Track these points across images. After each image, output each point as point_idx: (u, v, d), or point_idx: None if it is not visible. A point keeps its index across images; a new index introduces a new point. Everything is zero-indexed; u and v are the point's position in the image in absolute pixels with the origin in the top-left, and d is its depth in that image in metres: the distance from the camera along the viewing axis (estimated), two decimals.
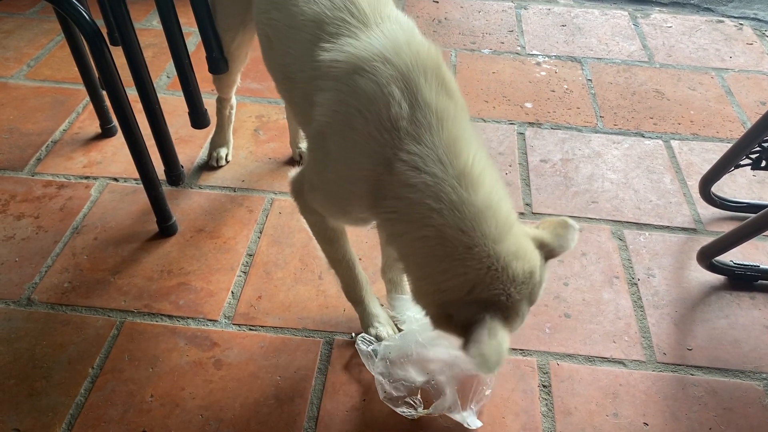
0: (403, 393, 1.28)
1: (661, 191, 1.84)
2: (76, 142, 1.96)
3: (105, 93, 1.55)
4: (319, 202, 1.19)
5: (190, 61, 1.55)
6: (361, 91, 1.02)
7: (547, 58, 2.41)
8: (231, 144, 1.92)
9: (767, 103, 2.19)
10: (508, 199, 1.03)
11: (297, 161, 1.91)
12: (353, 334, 1.43)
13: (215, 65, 1.61)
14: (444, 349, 1.27)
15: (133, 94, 1.47)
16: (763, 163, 1.59)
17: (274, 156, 1.94)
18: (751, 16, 2.67)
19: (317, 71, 1.10)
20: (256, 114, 2.10)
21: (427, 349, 1.29)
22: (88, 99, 1.95)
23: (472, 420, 1.25)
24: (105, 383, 1.34)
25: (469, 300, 0.97)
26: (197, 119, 1.65)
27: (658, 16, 2.69)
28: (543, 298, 1.07)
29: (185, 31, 1.54)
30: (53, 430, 1.26)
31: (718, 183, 1.73)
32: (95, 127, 2.00)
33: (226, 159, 1.90)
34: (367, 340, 1.34)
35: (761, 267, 1.56)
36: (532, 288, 1.00)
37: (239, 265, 1.60)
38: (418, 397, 1.28)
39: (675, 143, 2.01)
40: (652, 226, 1.73)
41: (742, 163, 1.62)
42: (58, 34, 2.43)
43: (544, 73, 2.33)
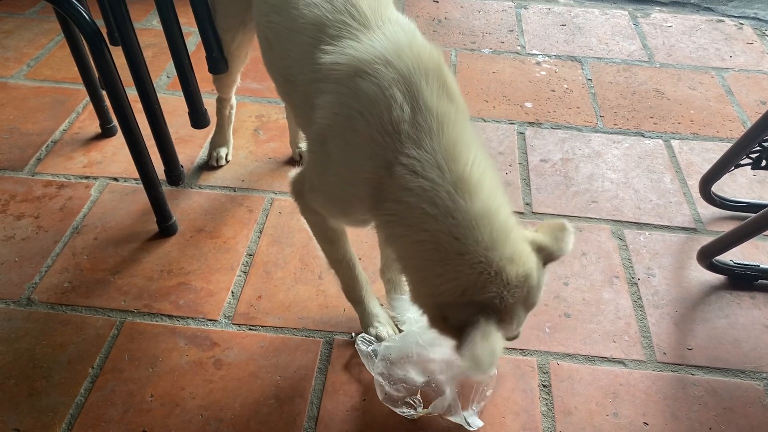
0: (403, 393, 1.28)
1: (661, 191, 1.84)
2: (76, 142, 1.96)
3: (105, 93, 1.55)
4: (319, 203, 1.19)
5: (190, 61, 1.56)
6: (362, 93, 1.02)
7: (547, 58, 2.40)
8: (231, 144, 1.92)
9: (767, 103, 2.19)
10: (508, 203, 1.02)
11: (297, 161, 1.91)
12: (353, 334, 1.43)
13: (215, 65, 1.61)
14: (444, 349, 1.27)
15: (133, 94, 1.47)
16: (764, 163, 1.59)
17: (274, 156, 1.94)
18: (752, 16, 2.67)
19: (318, 74, 1.10)
20: (256, 114, 2.10)
21: (427, 350, 1.30)
22: (88, 99, 1.95)
23: (473, 420, 1.25)
24: (105, 383, 1.34)
25: (463, 302, 0.97)
26: (197, 119, 1.65)
27: (659, 15, 2.69)
28: (543, 298, 1.07)
29: (185, 31, 1.54)
30: (53, 430, 1.26)
31: (719, 182, 1.73)
32: (95, 127, 2.00)
33: (226, 159, 1.90)
34: (367, 341, 1.34)
35: (761, 266, 1.56)
36: (527, 292, 1.00)
37: (239, 264, 1.60)
38: (418, 397, 1.28)
39: (675, 143, 2.01)
40: (652, 225, 1.73)
41: (743, 162, 1.62)
42: (58, 34, 2.43)
43: (544, 72, 2.33)
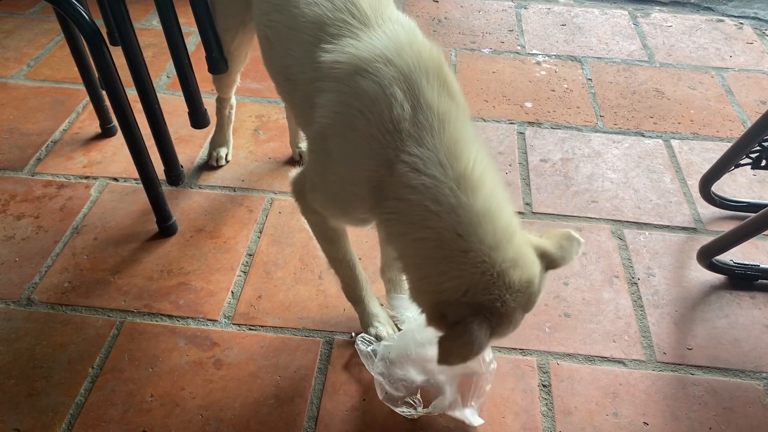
0: (403, 393, 1.28)
1: (661, 190, 1.84)
2: (76, 142, 1.96)
3: (105, 93, 1.55)
4: (320, 202, 1.19)
5: (189, 61, 1.56)
6: (363, 92, 1.02)
7: (547, 58, 2.40)
8: (231, 144, 1.92)
9: (767, 103, 2.19)
10: (509, 204, 1.02)
11: (297, 161, 1.91)
12: (353, 334, 1.43)
13: (215, 65, 1.61)
14: None
15: (132, 93, 1.47)
16: (763, 163, 1.59)
17: (274, 156, 1.93)
18: (752, 15, 2.67)
19: (318, 72, 1.09)
20: (256, 114, 2.10)
21: (426, 348, 1.29)
22: (88, 99, 1.95)
23: (473, 417, 1.25)
24: (105, 383, 1.34)
25: (464, 302, 0.97)
26: (197, 119, 1.65)
27: (658, 15, 2.69)
28: (543, 298, 1.07)
29: (185, 31, 1.54)
30: (53, 430, 1.26)
31: (718, 182, 1.73)
32: (95, 127, 2.00)
33: (226, 159, 1.90)
34: (367, 340, 1.34)
35: (761, 266, 1.56)
36: (528, 297, 1.00)
37: (239, 264, 1.60)
38: (418, 396, 1.28)
39: (675, 142, 2.01)
40: (652, 225, 1.73)
41: (742, 162, 1.62)
42: (58, 34, 2.43)
43: (544, 72, 2.33)
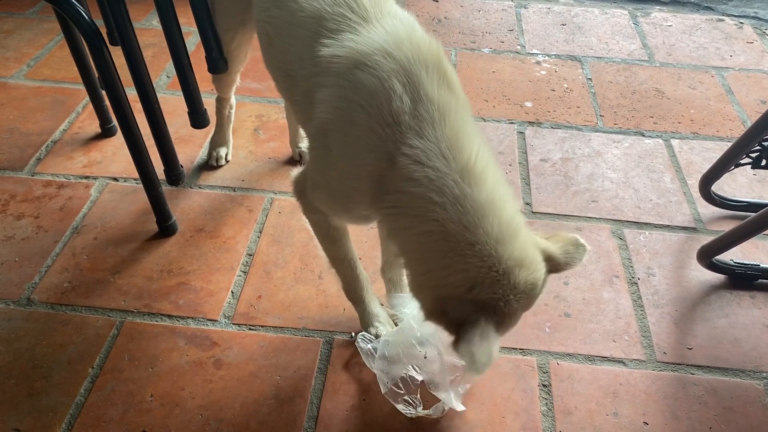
0: (403, 390, 1.28)
1: (661, 190, 1.84)
2: (75, 142, 1.96)
3: (105, 93, 1.55)
4: (321, 200, 1.18)
5: (189, 60, 1.55)
6: (362, 85, 1.01)
7: (547, 57, 2.40)
8: (231, 144, 1.92)
9: (767, 102, 2.18)
10: (513, 198, 1.01)
11: (297, 161, 1.91)
12: (353, 334, 1.43)
13: (214, 65, 1.61)
14: (440, 340, 1.27)
15: (132, 93, 1.47)
16: (764, 162, 1.59)
17: (274, 155, 1.93)
18: (752, 15, 2.67)
19: (318, 67, 1.09)
20: (255, 113, 2.10)
21: (425, 346, 1.29)
22: (87, 99, 1.95)
23: (456, 402, 1.24)
24: (105, 383, 1.34)
25: (467, 299, 0.96)
26: (197, 119, 1.65)
27: (659, 14, 2.69)
28: (543, 298, 1.07)
29: (185, 30, 1.54)
30: (53, 430, 1.26)
31: (719, 182, 1.73)
32: (95, 127, 2.00)
33: (226, 159, 1.90)
34: (367, 338, 1.34)
35: (761, 266, 1.56)
36: (530, 299, 1.00)
37: (239, 264, 1.60)
38: (418, 396, 1.28)
39: (675, 142, 2.01)
40: (652, 225, 1.73)
41: (743, 162, 1.62)
42: (58, 34, 2.43)
43: (544, 72, 2.32)
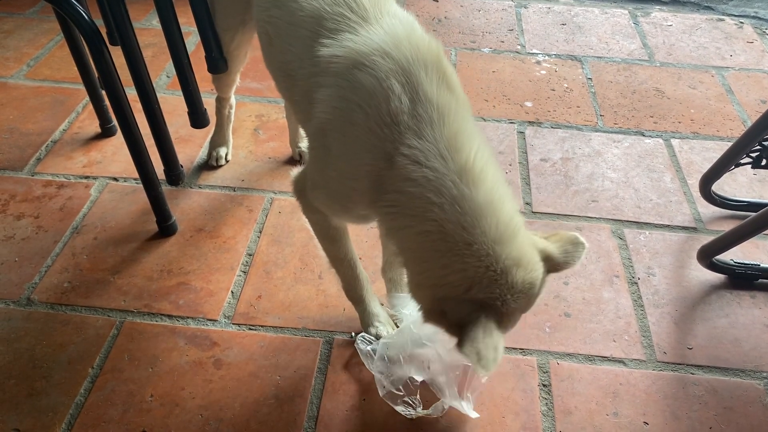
0: (402, 392, 1.28)
1: (661, 190, 1.84)
2: (75, 142, 1.96)
3: (104, 93, 1.55)
4: (321, 200, 1.19)
5: (189, 60, 1.55)
6: (360, 85, 1.01)
7: (547, 57, 2.40)
8: (230, 143, 1.92)
9: (767, 102, 2.19)
10: (512, 199, 1.01)
11: (297, 160, 1.91)
12: (353, 334, 1.43)
13: (214, 65, 1.61)
14: (440, 342, 1.27)
15: (132, 93, 1.47)
16: (764, 162, 1.59)
17: (274, 155, 1.93)
18: (752, 15, 2.67)
19: (317, 67, 1.09)
20: (255, 113, 2.10)
21: (425, 346, 1.29)
22: (87, 99, 1.95)
23: (469, 409, 1.25)
24: (105, 383, 1.34)
25: (465, 298, 0.96)
26: (197, 119, 1.65)
27: (659, 14, 2.68)
28: (543, 297, 1.07)
29: (184, 30, 1.54)
30: (53, 430, 1.26)
31: (719, 182, 1.73)
32: (95, 127, 2.00)
33: (226, 158, 1.90)
34: (367, 340, 1.34)
35: (761, 266, 1.56)
36: (529, 299, 1.00)
37: (239, 264, 1.60)
38: (417, 397, 1.28)
39: (675, 142, 2.01)
40: (653, 224, 1.73)
41: (743, 161, 1.62)
42: (58, 34, 2.43)
43: (544, 71, 2.32)
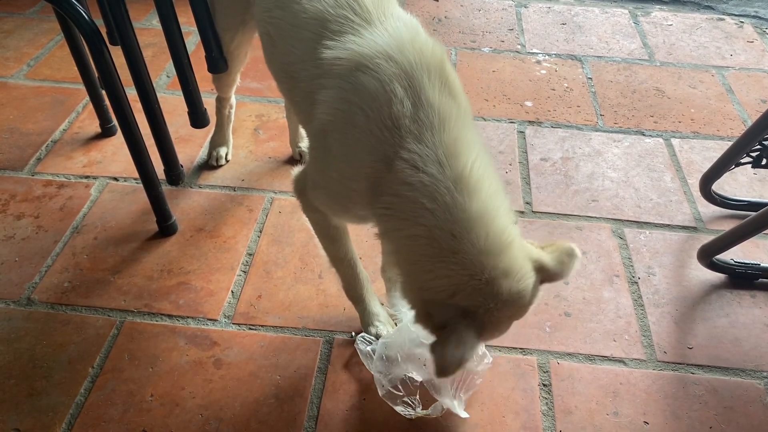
0: (402, 392, 1.28)
1: (661, 189, 1.84)
2: (75, 142, 1.96)
3: (105, 92, 1.55)
4: (321, 200, 1.19)
5: (189, 60, 1.55)
6: (363, 88, 1.01)
7: (547, 57, 2.40)
8: (231, 143, 1.92)
9: (767, 101, 2.19)
10: (508, 210, 1.01)
11: (297, 160, 1.91)
12: (353, 333, 1.43)
13: (214, 65, 1.61)
14: None
15: (132, 93, 1.47)
16: (764, 161, 1.59)
17: (274, 155, 1.93)
18: (752, 14, 2.67)
19: (320, 69, 1.09)
20: (255, 113, 2.10)
21: (423, 346, 1.29)
22: (87, 98, 1.95)
23: (460, 409, 1.25)
24: (105, 383, 1.34)
25: (449, 303, 0.97)
26: (197, 119, 1.65)
27: (659, 14, 2.68)
28: (543, 297, 1.07)
29: (185, 30, 1.54)
30: (53, 430, 1.26)
31: (719, 181, 1.73)
32: (95, 127, 2.00)
33: (226, 158, 1.90)
34: (367, 340, 1.34)
35: (762, 265, 1.56)
36: (517, 309, 1.00)
37: (239, 264, 1.60)
38: (417, 397, 1.28)
39: (675, 141, 2.01)
40: (653, 224, 1.73)
41: (743, 161, 1.62)
42: (58, 33, 2.43)
43: (544, 71, 2.32)
